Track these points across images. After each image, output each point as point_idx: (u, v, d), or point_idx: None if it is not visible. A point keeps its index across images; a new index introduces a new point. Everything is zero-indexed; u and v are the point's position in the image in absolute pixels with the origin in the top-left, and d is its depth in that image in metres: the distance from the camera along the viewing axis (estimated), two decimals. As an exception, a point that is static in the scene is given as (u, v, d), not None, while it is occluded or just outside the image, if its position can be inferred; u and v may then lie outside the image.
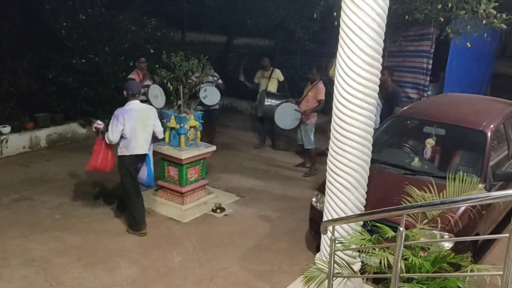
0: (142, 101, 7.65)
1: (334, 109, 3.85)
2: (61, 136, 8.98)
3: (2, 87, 8.24)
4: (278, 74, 8.93)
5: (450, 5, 7.67)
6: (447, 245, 4.07)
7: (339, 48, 3.71)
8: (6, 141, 8.00)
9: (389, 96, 7.14)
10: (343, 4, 3.65)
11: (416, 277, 3.18)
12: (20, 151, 8.25)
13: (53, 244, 5.25)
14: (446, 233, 4.11)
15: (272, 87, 8.81)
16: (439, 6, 7.90)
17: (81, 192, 6.71)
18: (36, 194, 6.57)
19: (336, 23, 4.04)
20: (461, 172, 3.72)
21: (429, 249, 3.54)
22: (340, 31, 3.69)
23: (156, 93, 7.44)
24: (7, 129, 8.06)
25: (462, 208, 4.27)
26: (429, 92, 10.23)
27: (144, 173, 5.61)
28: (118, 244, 5.32)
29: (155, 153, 6.45)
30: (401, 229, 2.75)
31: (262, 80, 8.92)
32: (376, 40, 3.60)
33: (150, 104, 7.04)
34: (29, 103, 8.81)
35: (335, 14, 7.29)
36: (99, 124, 5.57)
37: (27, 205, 6.23)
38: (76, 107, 9.24)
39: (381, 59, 3.70)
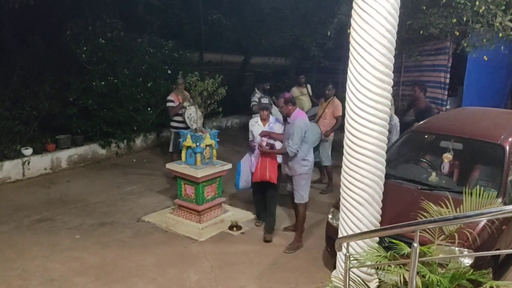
0: (179, 122, 7.87)
1: (347, 125, 3.87)
2: (81, 157, 9.15)
3: (24, 111, 8.48)
4: (309, 89, 9.35)
5: (465, 19, 7.62)
6: (467, 261, 3.98)
7: (350, 65, 3.74)
8: (28, 163, 8.19)
9: (421, 113, 7.07)
10: (352, 22, 3.69)
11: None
12: (41, 172, 8.43)
13: (72, 264, 5.31)
14: (466, 249, 4.03)
15: (309, 103, 9.15)
16: (454, 20, 7.85)
17: (100, 212, 6.81)
18: (57, 215, 6.68)
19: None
20: (478, 187, 3.65)
21: (447, 265, 3.47)
22: (350, 48, 3.73)
23: (193, 114, 7.53)
24: (29, 151, 8.26)
25: (482, 224, 4.19)
26: (447, 106, 10.12)
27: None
28: (135, 263, 5.36)
29: (171, 171, 6.57)
30: (415, 245, 2.72)
31: (302, 97, 9.03)
32: (386, 56, 3.62)
33: (187, 126, 7.14)
34: (50, 126, 9.04)
35: (348, 31, 7.33)
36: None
37: (47, 225, 6.33)
38: (95, 128, 9.43)
39: (392, 75, 3.71)
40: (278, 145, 5.85)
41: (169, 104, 8.11)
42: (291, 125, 5.56)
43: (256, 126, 6.15)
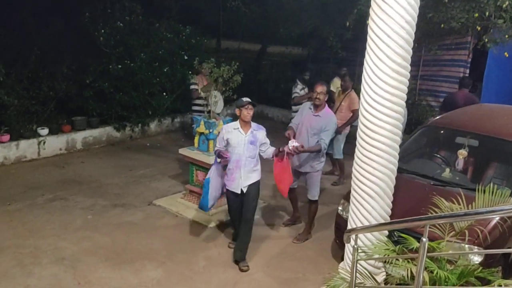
0: (202, 106, 7.86)
1: (361, 117, 3.83)
2: (96, 139, 9.25)
3: (41, 91, 8.56)
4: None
5: (487, 13, 7.47)
6: (476, 259, 3.95)
7: (366, 56, 3.70)
8: (44, 143, 8.30)
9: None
10: (371, 12, 3.64)
11: (441, 290, 3.10)
12: (56, 152, 8.55)
13: (84, 244, 5.40)
14: (476, 247, 3.99)
15: None
16: (476, 15, 7.70)
17: (113, 194, 6.89)
18: (70, 195, 6.78)
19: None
20: (492, 184, 3.60)
21: (456, 262, 3.45)
22: (368, 38, 3.68)
23: (216, 98, 7.48)
24: (45, 131, 8.37)
25: (493, 222, 4.14)
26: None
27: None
28: (145, 246, 5.42)
29: (184, 157, 6.59)
30: (424, 239, 2.70)
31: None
32: (404, 48, 3.56)
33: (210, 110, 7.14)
34: (66, 107, 9.13)
35: (368, 22, 7.23)
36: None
37: (61, 205, 6.43)
38: (111, 111, 9.50)
39: (409, 67, 3.65)
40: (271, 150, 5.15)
41: (193, 86, 8.09)
42: (321, 119, 5.43)
43: (235, 133, 5.01)
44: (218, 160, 5.19)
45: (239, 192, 5.04)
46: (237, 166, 4.98)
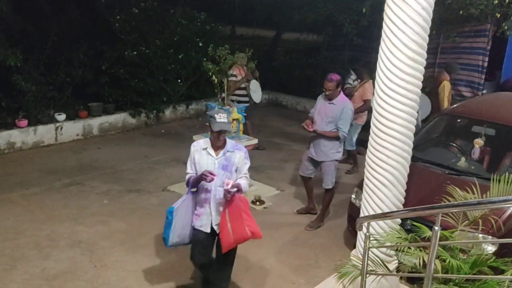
0: (240, 96, 7.83)
1: (375, 105, 3.80)
2: (112, 125, 9.35)
3: (58, 77, 8.67)
4: None
5: (507, 0, 7.31)
6: (490, 248, 3.92)
7: (382, 43, 3.65)
8: (61, 128, 8.43)
9: None
10: (387, -2, 3.59)
11: (454, 279, 3.09)
12: (73, 138, 8.68)
13: (99, 228, 5.49)
14: (490, 236, 3.96)
15: None
16: (496, 1, 7.56)
17: (128, 179, 6.98)
18: (86, 180, 6.89)
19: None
20: (507, 174, 3.56)
21: (469, 251, 3.43)
22: (383, 25, 3.63)
23: (255, 88, 7.50)
24: (62, 116, 8.49)
25: (508, 212, 4.10)
26: (484, 91, 9.78)
27: None
28: (159, 231, 5.41)
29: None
30: (436, 228, 2.68)
31: None
32: (420, 35, 3.51)
33: (250, 98, 7.14)
34: (83, 93, 9.25)
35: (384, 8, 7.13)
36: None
37: (77, 189, 6.54)
38: (126, 97, 9.58)
39: (425, 55, 3.60)
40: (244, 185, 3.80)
41: (232, 78, 8.01)
42: (336, 106, 5.44)
43: (203, 155, 3.89)
44: (193, 189, 3.95)
45: (208, 231, 3.89)
46: (206, 198, 3.86)
